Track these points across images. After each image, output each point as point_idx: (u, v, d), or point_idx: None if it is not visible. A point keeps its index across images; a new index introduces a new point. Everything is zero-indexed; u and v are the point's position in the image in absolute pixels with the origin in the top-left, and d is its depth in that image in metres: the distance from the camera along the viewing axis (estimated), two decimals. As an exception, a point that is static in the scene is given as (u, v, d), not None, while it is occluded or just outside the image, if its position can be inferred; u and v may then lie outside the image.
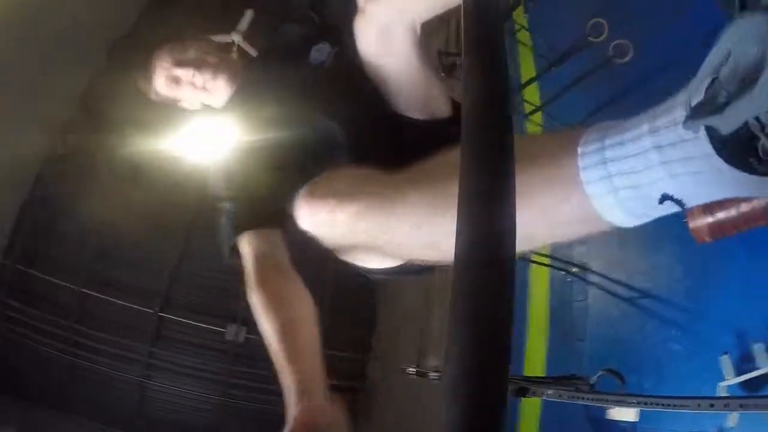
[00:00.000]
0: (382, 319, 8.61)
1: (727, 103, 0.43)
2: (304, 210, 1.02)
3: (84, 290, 7.46)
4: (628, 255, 3.79)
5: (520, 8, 5.36)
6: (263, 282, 1.24)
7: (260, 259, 1.29)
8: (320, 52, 1.50)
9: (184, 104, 1.70)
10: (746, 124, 0.43)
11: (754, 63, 0.40)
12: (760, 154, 0.44)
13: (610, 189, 0.59)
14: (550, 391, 2.07)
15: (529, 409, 4.34)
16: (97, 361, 7.27)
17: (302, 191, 1.04)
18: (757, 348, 2.44)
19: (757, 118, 0.42)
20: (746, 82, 0.41)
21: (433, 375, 2.83)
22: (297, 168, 1.25)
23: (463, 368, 0.31)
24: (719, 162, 0.48)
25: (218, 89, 1.63)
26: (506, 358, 0.32)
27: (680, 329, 3.14)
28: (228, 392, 7.44)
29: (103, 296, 7.47)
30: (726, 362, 2.57)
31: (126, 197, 7.82)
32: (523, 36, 5.21)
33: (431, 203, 0.79)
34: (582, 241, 4.10)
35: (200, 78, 1.61)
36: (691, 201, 0.56)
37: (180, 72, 1.62)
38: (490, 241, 0.36)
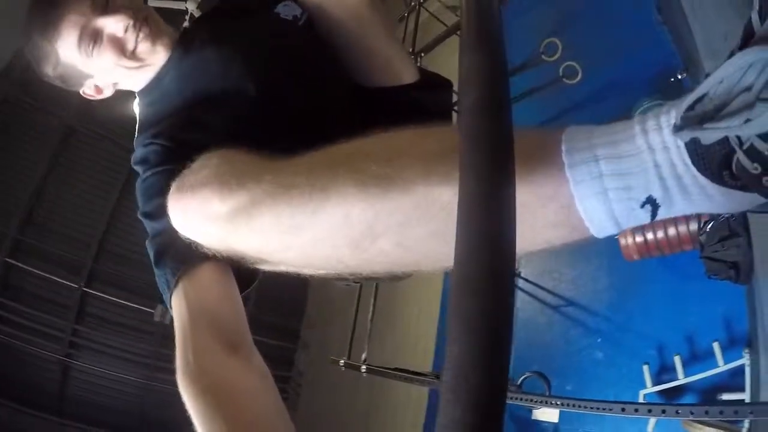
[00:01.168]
0: (311, 307, 8.59)
1: (712, 118, 0.45)
2: (174, 207, 0.78)
3: (7, 259, 7.06)
4: (558, 265, 3.95)
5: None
6: (197, 373, 0.80)
7: (203, 343, 0.83)
8: (289, 7, 1.20)
9: (96, 81, 1.20)
10: (727, 139, 0.46)
11: (755, 87, 0.43)
12: (734, 168, 0.46)
13: (599, 189, 0.54)
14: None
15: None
16: (17, 336, 6.86)
17: (173, 183, 0.80)
18: (677, 360, 2.62)
19: (738, 135, 0.45)
20: (740, 102, 0.44)
21: (363, 368, 2.86)
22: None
23: (463, 368, 0.31)
24: (694, 171, 0.49)
25: (154, 57, 1.14)
26: (506, 358, 0.32)
27: (603, 338, 3.33)
28: (154, 375, 7.21)
29: (26, 267, 7.09)
30: (647, 372, 2.75)
31: (54, 165, 7.53)
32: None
33: (366, 189, 0.62)
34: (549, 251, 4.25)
35: (133, 31, 1.10)
36: (667, 208, 0.54)
37: (105, 21, 1.08)
38: (490, 241, 0.35)
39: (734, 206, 0.53)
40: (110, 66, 1.13)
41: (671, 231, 2.57)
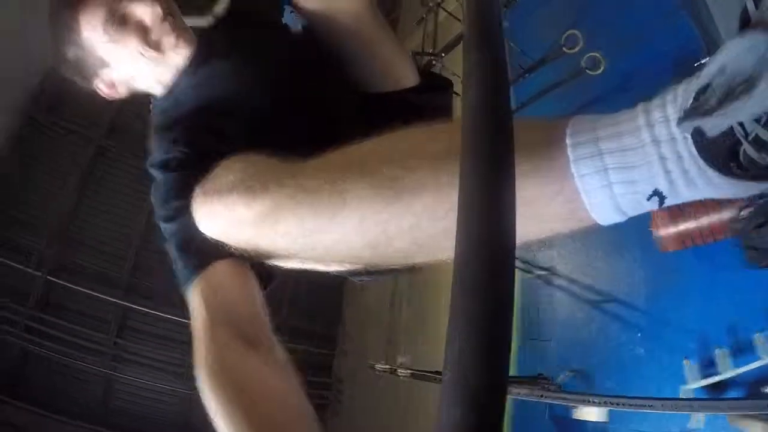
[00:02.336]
0: (348, 313, 8.62)
1: (716, 108, 0.45)
2: (200, 211, 0.80)
3: (48, 277, 7.27)
4: (594, 260, 3.88)
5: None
6: (216, 368, 0.79)
7: (220, 339, 0.82)
8: (296, 18, 1.19)
9: (111, 72, 1.16)
10: (732, 130, 0.46)
11: (749, 76, 0.43)
12: (741, 159, 0.46)
13: (604, 183, 0.55)
14: (521, 391, 2.14)
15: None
16: (61, 351, 7.07)
17: (197, 187, 0.81)
18: (719, 354, 2.54)
19: (742, 126, 0.45)
20: (738, 91, 0.44)
21: (401, 372, 2.86)
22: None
23: (463, 369, 0.31)
24: (702, 163, 0.49)
25: (176, 51, 1.12)
26: (506, 358, 0.32)
27: (643, 333, 3.25)
28: (196, 385, 7.21)
29: (66, 283, 7.29)
30: (688, 366, 2.67)
31: (86, 184, 7.73)
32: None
33: (379, 192, 0.64)
34: (551, 243, 4.20)
35: (161, 21, 1.09)
36: (673, 199, 0.54)
37: (135, 6, 1.07)
38: (490, 241, 0.36)
39: (740, 193, 0.52)
40: (131, 54, 1.10)
41: (706, 221, 2.49)
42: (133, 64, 1.12)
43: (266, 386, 0.79)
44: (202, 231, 0.80)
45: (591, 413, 3.31)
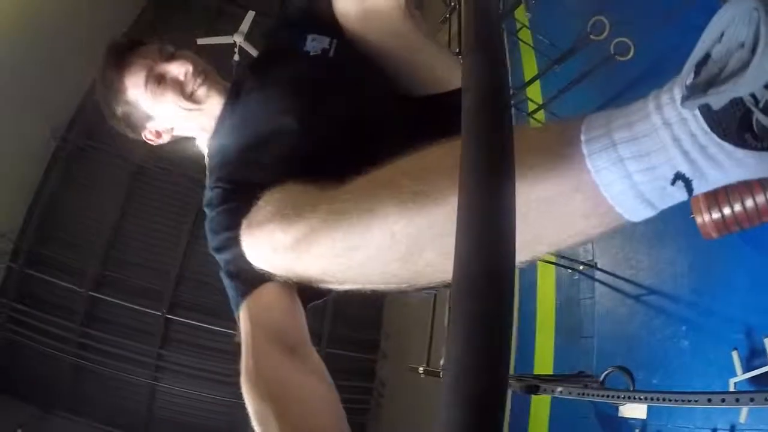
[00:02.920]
0: (390, 317, 8.62)
1: (718, 82, 0.44)
2: (245, 242, 0.85)
3: (92, 293, 7.53)
4: (635, 252, 3.78)
5: (522, 6, 5.36)
6: (256, 374, 0.89)
7: (262, 348, 0.92)
8: (318, 41, 1.24)
9: (156, 124, 1.33)
10: (741, 99, 0.44)
11: (746, 43, 0.41)
12: (755, 129, 0.44)
13: (623, 174, 0.54)
14: (560, 389, 2.08)
15: (540, 407, 4.34)
16: (106, 363, 7.32)
17: (243, 220, 0.87)
18: (767, 342, 2.43)
19: (752, 94, 0.43)
20: (737, 60, 0.42)
21: (442, 374, 2.83)
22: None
23: (463, 368, 0.31)
24: (716, 138, 0.48)
25: (209, 100, 1.27)
26: (506, 358, 0.32)
27: (688, 325, 3.14)
28: (238, 393, 7.35)
29: (110, 299, 7.55)
30: (736, 358, 2.56)
31: (127, 202, 7.99)
32: (525, 34, 5.20)
33: (404, 207, 0.66)
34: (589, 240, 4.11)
35: (193, 77, 1.25)
36: (701, 182, 0.52)
37: (170, 67, 1.24)
38: (490, 241, 0.36)
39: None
40: (170, 107, 1.26)
41: (749, 203, 2.38)
42: (174, 116, 1.29)
43: (302, 391, 0.87)
44: (249, 260, 0.86)
45: (636, 410, 3.22)
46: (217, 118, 1.28)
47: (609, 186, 0.55)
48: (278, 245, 0.79)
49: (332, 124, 1.13)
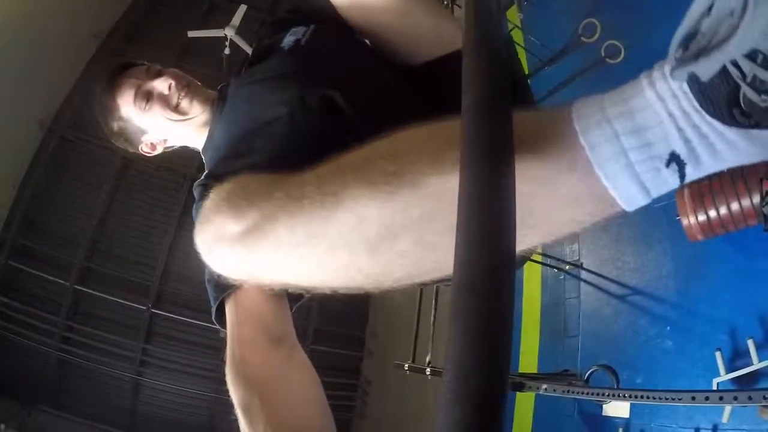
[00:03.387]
0: (375, 314, 8.62)
1: (704, 50, 0.43)
2: (196, 240, 0.77)
3: (77, 286, 7.48)
4: (621, 252, 3.81)
5: (514, 7, 5.37)
6: (240, 365, 0.90)
7: (247, 339, 0.92)
8: (294, 34, 1.27)
9: (150, 137, 1.41)
10: (728, 73, 0.43)
11: (736, 10, 0.40)
12: (743, 105, 0.43)
13: (618, 150, 0.51)
14: (544, 386, 2.10)
15: (524, 406, 4.37)
16: (90, 358, 7.27)
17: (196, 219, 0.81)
18: (750, 344, 2.46)
19: (739, 67, 0.42)
20: (726, 28, 0.41)
21: (427, 371, 2.84)
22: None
23: (463, 368, 0.31)
24: (707, 116, 0.46)
25: (193, 110, 1.34)
26: (506, 357, 0.32)
27: (672, 326, 3.18)
28: (221, 389, 7.33)
29: (95, 292, 7.50)
30: (719, 358, 2.59)
31: (114, 196, 7.95)
32: (516, 35, 5.21)
33: (376, 189, 0.60)
34: (574, 237, 4.14)
35: (176, 90, 1.33)
36: (694, 166, 0.50)
37: (155, 83, 1.34)
38: (489, 240, 0.36)
39: (764, 152, 0.48)
40: (160, 120, 1.35)
41: (734, 206, 2.41)
42: (164, 127, 1.38)
43: (286, 381, 0.88)
44: (204, 260, 0.78)
45: (620, 409, 3.25)
46: (208, 124, 1.35)
47: (604, 164, 0.52)
48: (227, 236, 0.70)
49: (314, 111, 1.10)
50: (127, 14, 8.98)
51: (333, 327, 7.97)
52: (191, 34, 7.34)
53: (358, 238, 0.63)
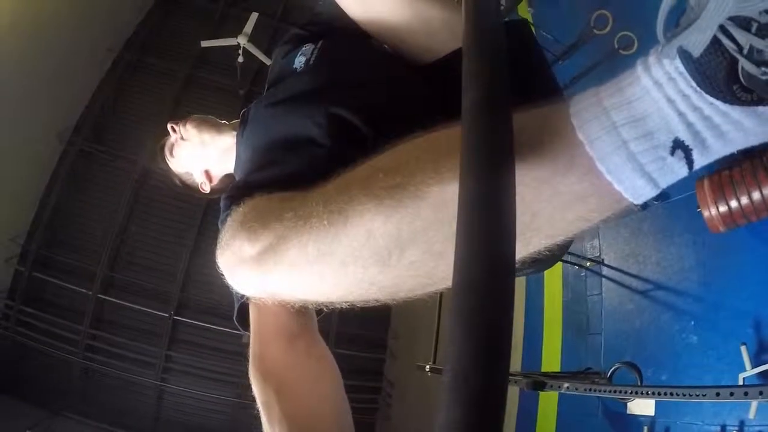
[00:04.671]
0: (397, 316, 8.59)
1: (693, 21, 0.41)
2: (219, 266, 0.82)
3: (100, 295, 7.57)
4: (642, 247, 3.75)
5: (524, 2, 5.33)
6: (260, 362, 0.91)
7: (267, 338, 0.94)
8: (304, 53, 1.30)
9: (194, 175, 1.57)
10: (721, 45, 0.41)
11: None
12: (742, 79, 0.41)
13: (618, 143, 0.49)
14: (566, 385, 2.06)
15: (547, 405, 4.32)
16: (114, 365, 7.36)
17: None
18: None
19: (732, 38, 0.40)
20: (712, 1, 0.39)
21: None
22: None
23: (462, 368, 0.31)
24: (707, 97, 0.44)
25: (189, 134, 1.49)
26: (505, 357, 0.32)
27: (696, 320, 3.11)
28: (244, 394, 7.39)
29: (117, 301, 7.58)
30: (745, 352, 2.53)
31: (134, 205, 8.05)
32: (528, 30, 5.15)
33: (380, 203, 0.62)
34: (594, 233, 4.09)
35: (174, 130, 1.51)
36: (701, 151, 0.48)
37: (171, 137, 1.55)
38: (490, 242, 0.36)
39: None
40: (183, 159, 1.55)
41: (755, 195, 2.36)
42: (191, 161, 1.53)
43: (303, 376, 0.89)
44: (230, 285, 0.84)
45: (645, 406, 3.20)
46: (233, 148, 1.40)
47: (605, 159, 0.50)
48: (245, 260, 0.75)
49: (325, 128, 1.09)
50: (141, 27, 9.08)
51: (355, 330, 7.95)
52: (204, 44, 7.40)
53: (367, 252, 0.64)
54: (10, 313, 7.40)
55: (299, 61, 1.28)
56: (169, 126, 1.54)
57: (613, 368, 2.80)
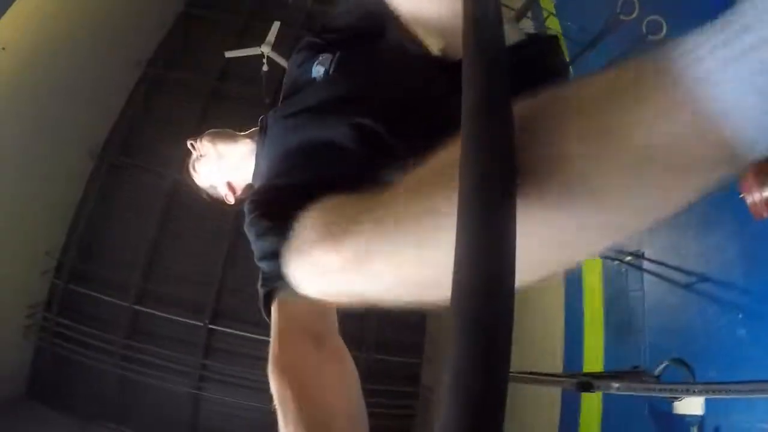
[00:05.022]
0: (431, 319, 8.51)
1: None
2: (293, 273, 0.82)
3: (135, 306, 7.67)
4: (682, 239, 3.61)
5: (548, -8, 5.24)
6: (278, 362, 0.91)
7: (287, 336, 0.95)
8: (322, 63, 1.32)
9: (217, 188, 1.62)
10: None
11: None
12: None
13: (733, 55, 0.38)
14: (616, 385, 1.96)
15: (590, 408, 4.20)
16: (150, 375, 7.43)
17: (283, 249, 0.85)
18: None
19: None
20: None
21: None
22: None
23: (463, 369, 0.31)
24: None
25: (205, 149, 1.56)
26: (506, 359, 0.32)
27: (744, 312, 2.97)
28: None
29: (153, 311, 7.67)
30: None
31: (166, 216, 8.18)
32: (553, 22, 5.07)
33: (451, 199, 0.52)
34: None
35: (197, 146, 1.57)
36: None
37: (192, 156, 1.62)
38: (490, 243, 0.36)
39: None
40: (206, 172, 1.59)
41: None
42: (219, 174, 1.57)
43: (318, 374, 0.89)
44: (304, 293, 0.82)
45: (693, 405, 3.06)
46: (250, 157, 1.47)
47: (719, 83, 0.39)
48: (333, 268, 0.71)
49: (348, 137, 1.13)
50: (166, 42, 9.27)
51: (391, 335, 7.88)
52: (228, 54, 7.47)
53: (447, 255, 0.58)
54: (47, 325, 7.57)
55: (317, 71, 1.30)
56: (188, 144, 1.59)
57: (662, 366, 2.67)
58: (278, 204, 1.02)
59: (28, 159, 6.84)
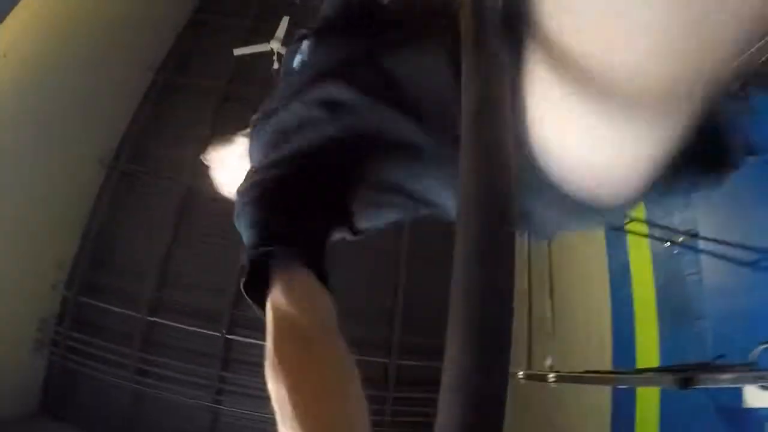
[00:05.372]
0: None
1: None
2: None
3: (149, 317, 7.55)
4: (740, 212, 3.29)
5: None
6: (282, 373, 0.88)
7: (284, 325, 0.95)
8: (301, 53, 1.37)
9: (227, 187, 1.62)
10: None
11: None
12: None
13: None
14: (725, 377, 1.64)
15: (647, 402, 3.87)
16: (166, 388, 7.28)
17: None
18: None
19: None
20: None
21: (551, 377, 2.52)
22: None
23: (463, 369, 0.33)
24: None
25: (218, 158, 1.65)
26: (506, 358, 0.34)
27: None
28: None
29: (167, 322, 7.53)
30: None
31: (179, 224, 8.15)
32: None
33: None
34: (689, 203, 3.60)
35: (205, 160, 1.66)
36: None
37: (207, 156, 1.69)
38: (489, 242, 0.38)
39: None
40: (219, 181, 1.66)
41: None
42: (229, 180, 1.56)
43: (313, 375, 0.87)
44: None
45: (764, 398, 2.67)
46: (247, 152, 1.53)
47: None
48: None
49: (319, 114, 1.20)
50: (175, 46, 9.35)
51: (420, 338, 7.53)
52: (237, 52, 7.40)
53: None
54: (58, 339, 7.50)
55: (296, 60, 1.36)
56: (201, 160, 1.66)
57: (759, 348, 2.32)
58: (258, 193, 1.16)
59: (36, 169, 6.79)
